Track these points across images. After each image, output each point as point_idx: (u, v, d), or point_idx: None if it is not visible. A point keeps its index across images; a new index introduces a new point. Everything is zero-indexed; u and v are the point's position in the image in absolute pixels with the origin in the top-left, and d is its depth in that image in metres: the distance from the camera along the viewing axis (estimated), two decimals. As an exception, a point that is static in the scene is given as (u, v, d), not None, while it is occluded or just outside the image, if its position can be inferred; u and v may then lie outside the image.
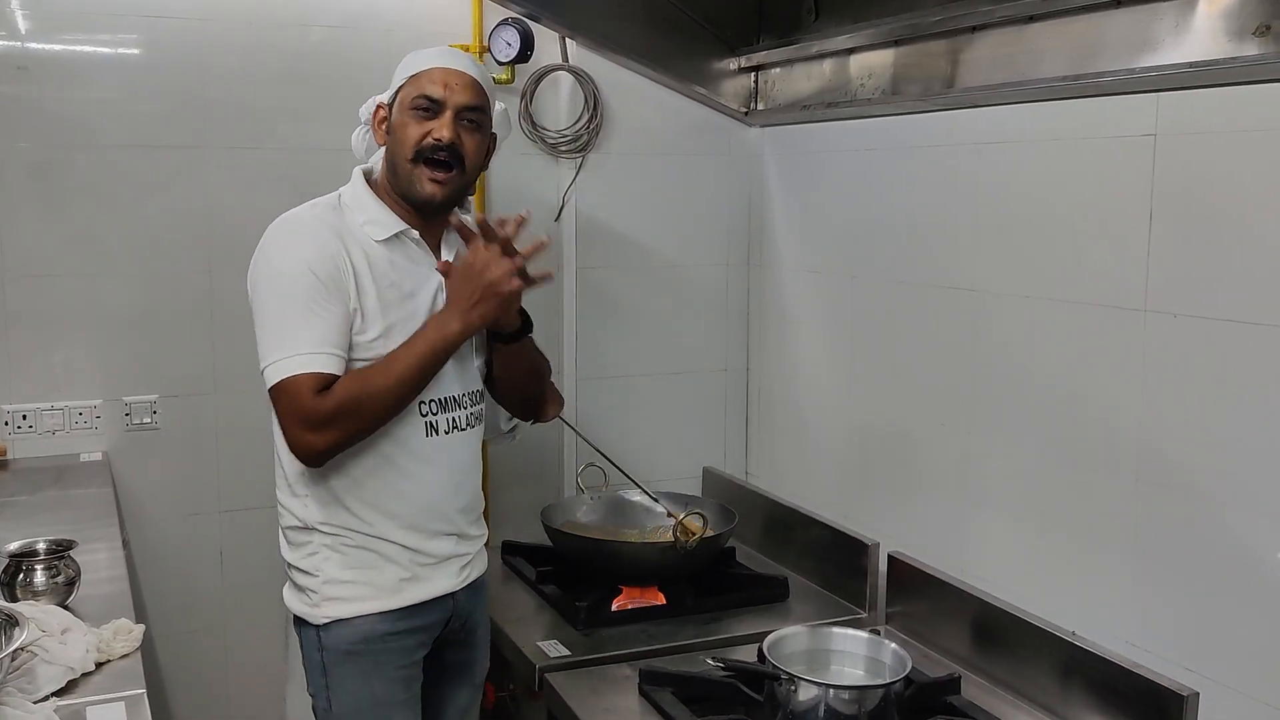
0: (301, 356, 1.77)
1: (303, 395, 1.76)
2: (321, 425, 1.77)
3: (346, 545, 1.90)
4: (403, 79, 1.92)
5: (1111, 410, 2.00)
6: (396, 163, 1.89)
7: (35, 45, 2.61)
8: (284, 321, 1.79)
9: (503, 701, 2.41)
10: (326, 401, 1.77)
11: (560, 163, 3.01)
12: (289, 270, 1.80)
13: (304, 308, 1.78)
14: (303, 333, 1.78)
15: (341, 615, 1.90)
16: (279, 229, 1.87)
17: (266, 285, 1.82)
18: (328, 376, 1.78)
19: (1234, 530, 1.80)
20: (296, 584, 1.95)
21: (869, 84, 2.58)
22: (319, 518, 1.90)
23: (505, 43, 2.84)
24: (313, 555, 1.91)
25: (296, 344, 1.77)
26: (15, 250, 2.63)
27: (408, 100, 1.88)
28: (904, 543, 2.43)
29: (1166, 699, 1.74)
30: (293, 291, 1.78)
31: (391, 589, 1.92)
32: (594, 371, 3.05)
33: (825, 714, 1.79)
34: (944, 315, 2.40)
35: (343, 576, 1.90)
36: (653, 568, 2.43)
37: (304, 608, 1.93)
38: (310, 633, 1.93)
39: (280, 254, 1.83)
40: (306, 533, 1.92)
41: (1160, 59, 1.85)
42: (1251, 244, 1.75)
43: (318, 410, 1.76)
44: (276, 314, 1.80)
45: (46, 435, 2.70)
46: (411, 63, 1.93)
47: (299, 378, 1.76)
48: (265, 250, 1.85)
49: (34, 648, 1.59)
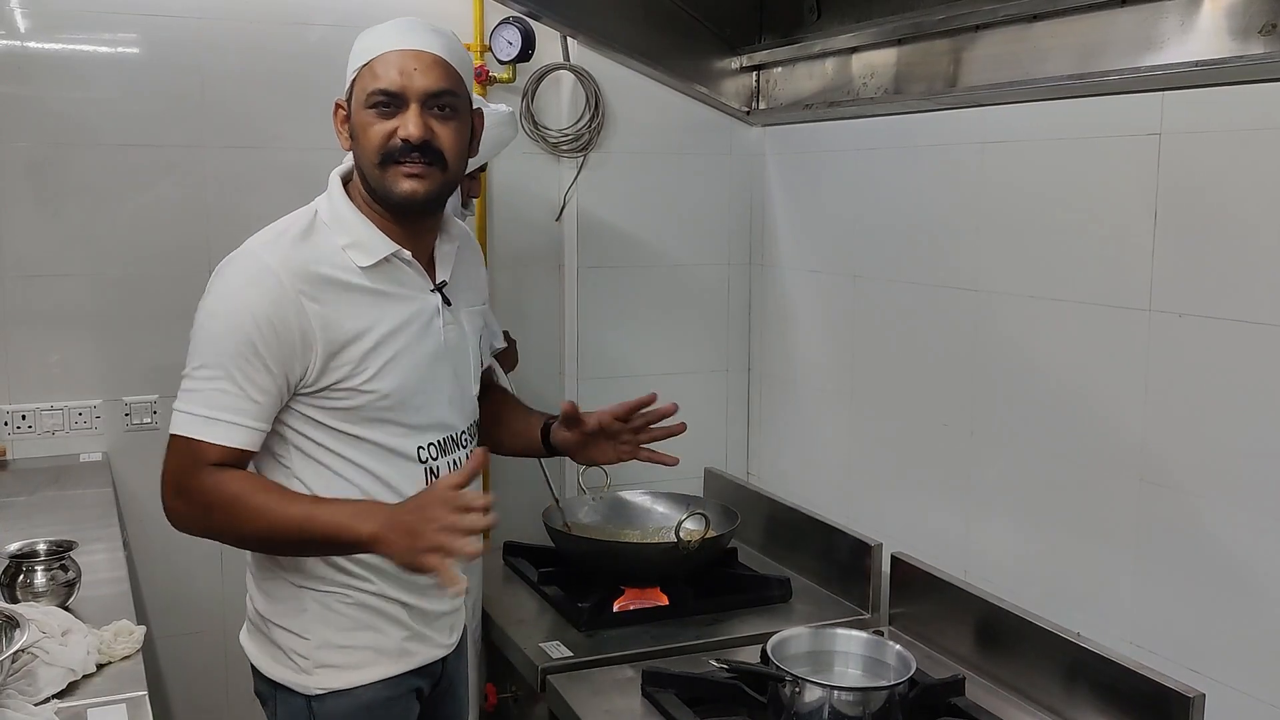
0: (210, 422, 1.57)
1: (190, 460, 1.58)
2: (189, 501, 1.59)
3: (342, 604, 1.68)
4: (355, 68, 1.63)
5: (1115, 410, 2.00)
6: (364, 168, 1.64)
7: (34, 44, 2.60)
8: (205, 373, 1.58)
9: (505, 703, 2.41)
10: (208, 482, 1.57)
11: (561, 162, 3.00)
12: (227, 325, 1.57)
13: (232, 367, 1.56)
14: (219, 395, 1.57)
15: (340, 686, 1.68)
16: (232, 271, 1.61)
17: (202, 329, 1.60)
18: (228, 451, 1.58)
19: (1239, 531, 1.79)
20: (279, 644, 1.70)
21: (871, 83, 2.57)
22: (310, 572, 1.67)
23: (506, 42, 2.84)
24: (301, 614, 1.68)
25: (209, 403, 1.57)
26: (14, 250, 2.63)
27: (363, 95, 1.61)
28: (907, 543, 2.42)
29: (1172, 700, 1.73)
30: (224, 347, 1.57)
31: (395, 653, 1.72)
32: (595, 371, 3.05)
33: (829, 715, 1.78)
34: (947, 315, 2.39)
35: (340, 641, 1.68)
36: (655, 568, 2.42)
37: (290, 675, 1.69)
38: (296, 703, 1.69)
39: (224, 302, 1.59)
40: (293, 588, 1.68)
41: (1165, 58, 1.85)
42: (1257, 244, 1.75)
43: (198, 486, 1.58)
44: (201, 362, 1.58)
45: (46, 435, 2.69)
46: (362, 45, 1.63)
47: (196, 443, 1.57)
48: (213, 291, 1.61)
49: (35, 649, 1.58)
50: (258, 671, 1.75)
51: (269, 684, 1.73)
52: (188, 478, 1.59)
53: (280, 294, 1.57)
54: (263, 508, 1.58)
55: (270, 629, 1.72)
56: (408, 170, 1.61)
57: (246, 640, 1.78)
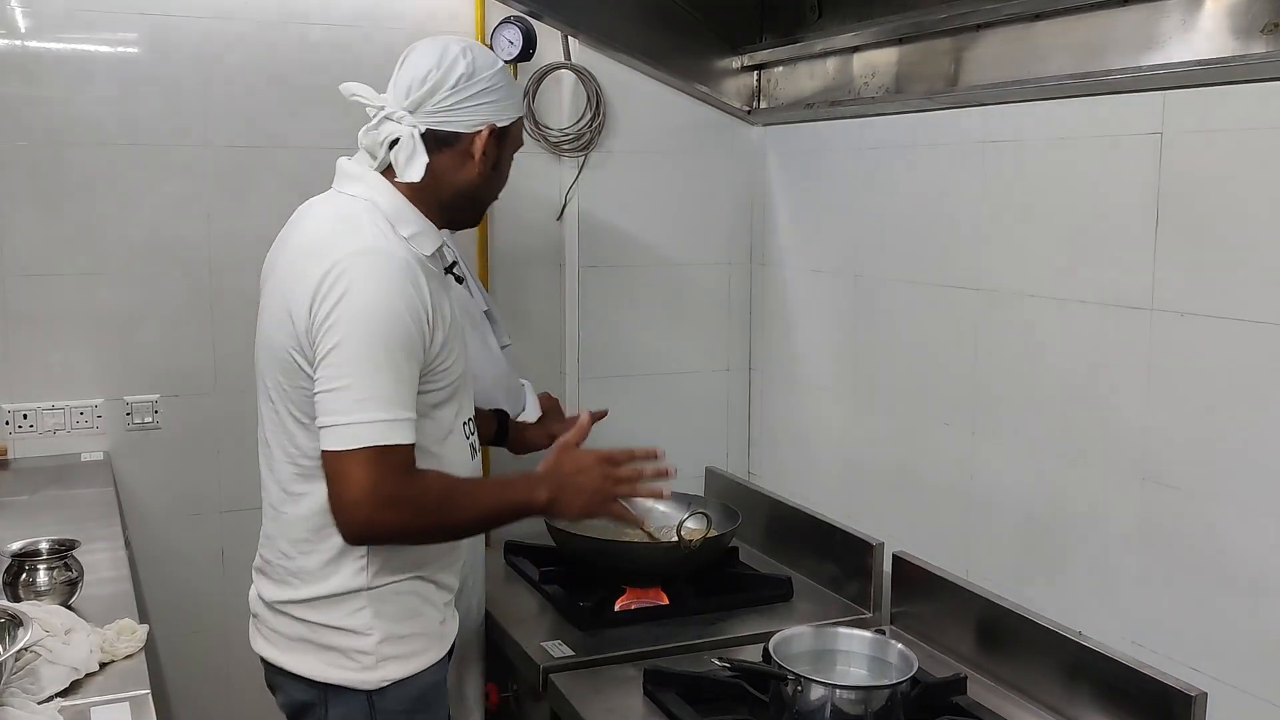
0: (394, 424, 1.56)
1: (389, 469, 1.56)
2: (401, 509, 1.58)
3: (396, 595, 1.71)
4: (519, 113, 1.77)
5: (1117, 409, 2.00)
6: (481, 198, 1.78)
7: (35, 44, 2.60)
8: (375, 378, 1.56)
9: (506, 702, 2.41)
10: (418, 486, 1.60)
11: (562, 161, 3.00)
12: (387, 321, 1.57)
13: (398, 367, 1.58)
14: (392, 393, 1.57)
15: (401, 675, 1.71)
16: (371, 268, 1.59)
17: (357, 331, 1.56)
18: (411, 452, 1.59)
19: (1241, 529, 1.79)
20: (334, 647, 1.70)
21: (872, 82, 2.57)
22: (376, 575, 1.69)
23: (507, 41, 2.83)
24: (359, 612, 1.69)
25: (387, 405, 1.56)
26: (15, 249, 2.63)
27: (518, 141, 1.79)
28: (909, 542, 2.42)
29: (1174, 699, 1.73)
30: (386, 344, 1.57)
31: (439, 635, 1.78)
32: (596, 371, 3.05)
33: (831, 714, 1.79)
34: (948, 314, 2.39)
35: (399, 631, 1.71)
36: (656, 568, 2.42)
37: (351, 674, 1.69)
38: (354, 701, 1.69)
39: (376, 300, 1.58)
40: (352, 595, 1.70)
41: (1167, 57, 1.85)
42: (1259, 243, 1.75)
43: (409, 493, 1.58)
44: (366, 368, 1.56)
45: (47, 435, 2.69)
46: (519, 96, 1.78)
47: (391, 449, 1.56)
48: (355, 290, 1.57)
49: (37, 648, 1.59)
50: (298, 679, 1.72)
51: (318, 688, 1.71)
52: (396, 486, 1.58)
53: (416, 282, 1.63)
54: (467, 499, 1.69)
55: (319, 633, 1.70)
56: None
57: (282, 653, 1.74)
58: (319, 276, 1.59)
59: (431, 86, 1.67)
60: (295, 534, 1.71)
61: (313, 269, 1.61)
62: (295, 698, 1.74)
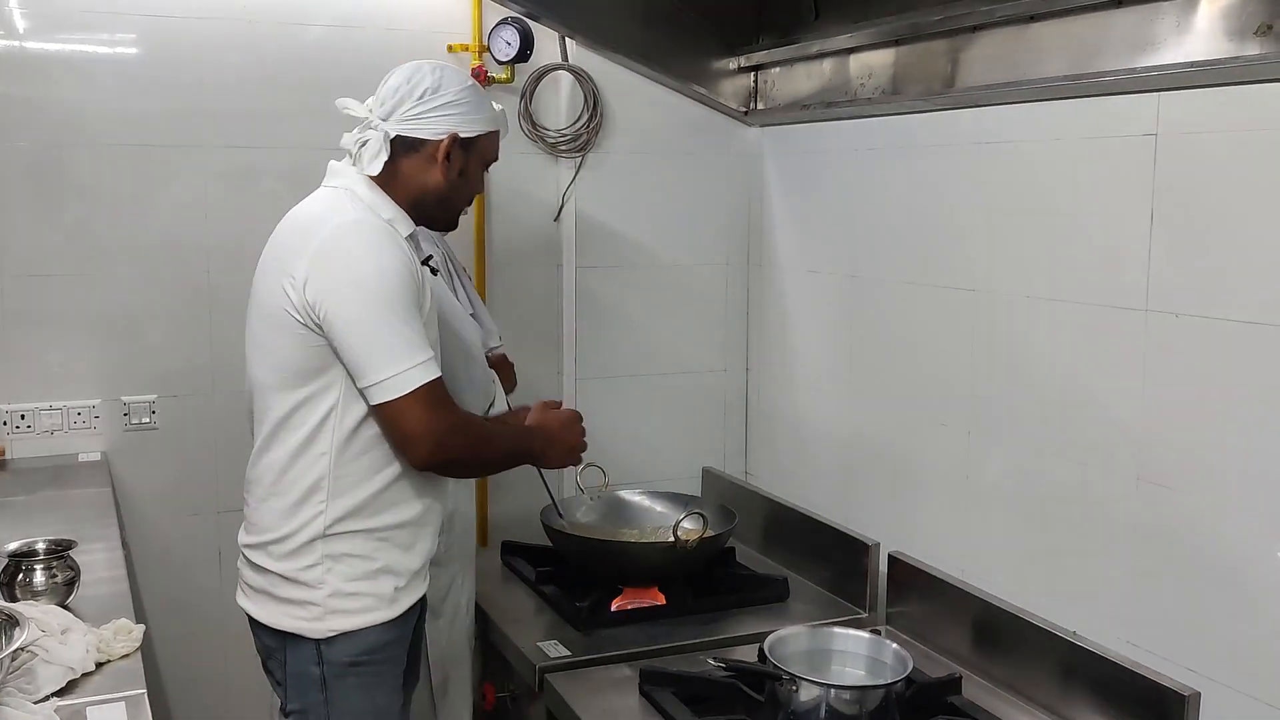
0: (429, 364, 1.75)
1: (438, 402, 1.75)
2: (467, 434, 1.83)
3: (349, 554, 1.83)
4: (487, 130, 1.92)
5: (1112, 410, 2.00)
6: (450, 201, 1.92)
7: (33, 44, 2.60)
8: (398, 330, 1.74)
9: (503, 702, 2.41)
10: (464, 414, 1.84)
11: (560, 162, 3.01)
12: (391, 279, 1.75)
13: (411, 316, 1.75)
14: (418, 341, 1.75)
15: (346, 628, 1.83)
16: (360, 235, 1.78)
17: (369, 295, 1.74)
18: (444, 385, 1.79)
19: (1235, 530, 1.80)
20: (290, 599, 1.84)
21: (869, 83, 2.58)
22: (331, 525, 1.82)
23: (505, 42, 2.84)
24: (314, 567, 1.83)
25: (419, 351, 1.74)
26: (13, 249, 2.63)
27: (488, 154, 1.94)
28: (904, 543, 2.43)
29: (1168, 699, 1.73)
30: (399, 301, 1.74)
31: (390, 598, 1.87)
32: (593, 371, 3.05)
33: (826, 714, 1.79)
34: (944, 315, 2.39)
35: (348, 589, 1.83)
36: (653, 568, 2.42)
37: (303, 623, 1.83)
38: (307, 648, 1.84)
39: (377, 261, 1.75)
40: (308, 547, 1.83)
41: (1161, 58, 1.85)
42: (1253, 244, 1.75)
43: (462, 421, 1.82)
44: (387, 323, 1.74)
45: (45, 435, 2.69)
46: (490, 114, 1.92)
47: (435, 384, 1.75)
48: (354, 256, 1.76)
49: (34, 648, 1.59)
50: (264, 626, 1.88)
51: (278, 635, 1.86)
52: (452, 414, 1.79)
53: (403, 247, 1.81)
54: (495, 434, 1.99)
55: (276, 584, 1.85)
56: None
57: (250, 602, 1.91)
58: (314, 248, 1.77)
59: (401, 97, 1.86)
60: (265, 479, 1.87)
61: (308, 241, 1.78)
62: (264, 642, 1.92)
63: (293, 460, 1.82)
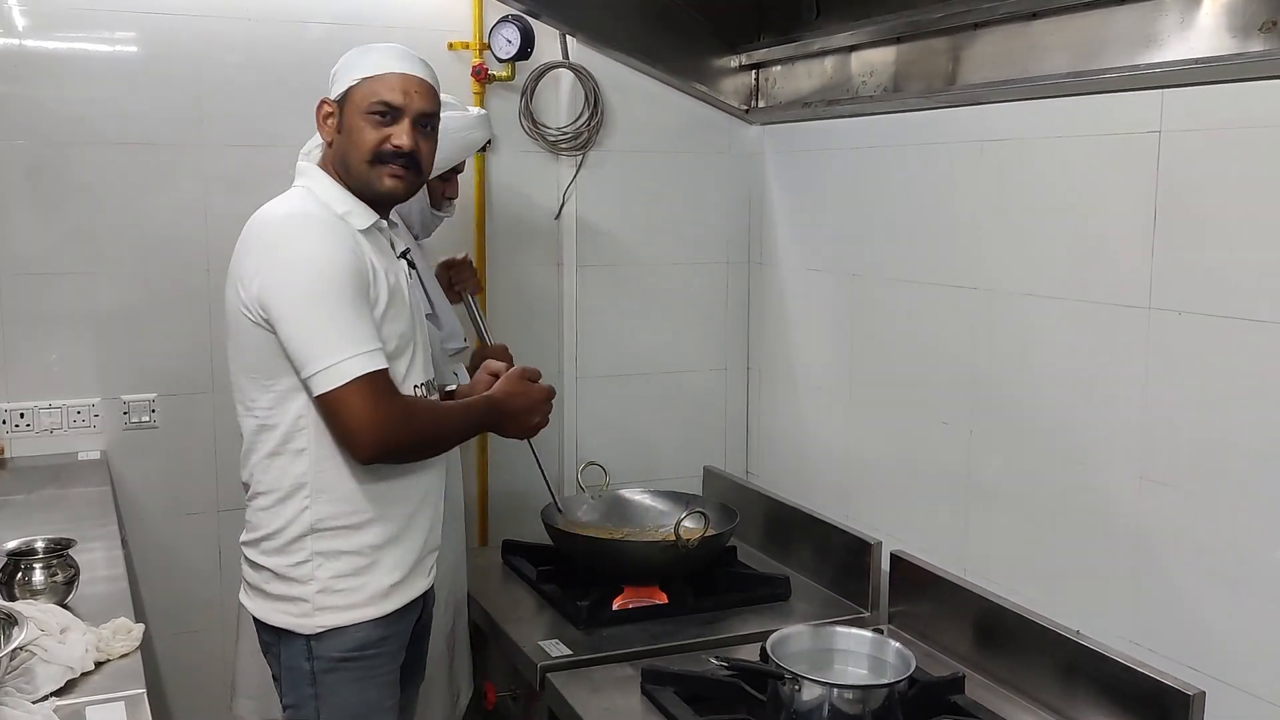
0: (372, 354, 1.73)
1: (378, 392, 1.72)
2: (408, 424, 1.78)
3: (337, 551, 1.84)
4: (354, 79, 1.85)
5: (1114, 408, 1.99)
6: (350, 162, 1.85)
7: (33, 43, 2.60)
8: (336, 319, 1.72)
9: (504, 701, 2.40)
10: (402, 403, 1.78)
11: (560, 160, 3.00)
12: (329, 268, 1.73)
13: (352, 306, 1.73)
14: (361, 330, 1.73)
15: (336, 624, 1.84)
16: (297, 225, 1.78)
17: (306, 284, 1.73)
18: (389, 375, 1.77)
19: (1237, 529, 1.79)
20: (281, 595, 1.85)
21: (870, 81, 2.57)
22: (318, 521, 1.83)
23: (505, 40, 2.84)
24: (303, 564, 1.84)
25: (361, 341, 1.72)
26: (13, 249, 2.62)
27: (363, 104, 1.83)
28: (906, 542, 2.42)
29: (1172, 698, 1.73)
30: (338, 289, 1.73)
31: (382, 594, 1.87)
32: (594, 370, 3.05)
33: (829, 713, 1.78)
34: (946, 313, 2.39)
35: (338, 585, 1.84)
36: (654, 567, 2.42)
37: (293, 619, 1.84)
38: (298, 644, 1.85)
39: (314, 250, 1.75)
40: (297, 543, 1.84)
41: (1164, 55, 1.85)
42: (1256, 241, 1.74)
43: (402, 411, 1.77)
44: (326, 312, 1.72)
45: (44, 434, 2.69)
46: (362, 62, 1.86)
47: (377, 375, 1.73)
48: (292, 247, 1.76)
49: (33, 647, 1.58)
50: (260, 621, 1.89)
51: (272, 631, 1.87)
52: (391, 405, 1.76)
53: (351, 240, 1.80)
54: (445, 416, 1.90)
55: (268, 581, 1.86)
56: (391, 172, 1.86)
57: (247, 598, 1.92)
58: (258, 245, 1.79)
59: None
60: (253, 477, 1.89)
61: (254, 240, 1.81)
62: (262, 637, 1.93)
63: (274, 458, 1.83)
